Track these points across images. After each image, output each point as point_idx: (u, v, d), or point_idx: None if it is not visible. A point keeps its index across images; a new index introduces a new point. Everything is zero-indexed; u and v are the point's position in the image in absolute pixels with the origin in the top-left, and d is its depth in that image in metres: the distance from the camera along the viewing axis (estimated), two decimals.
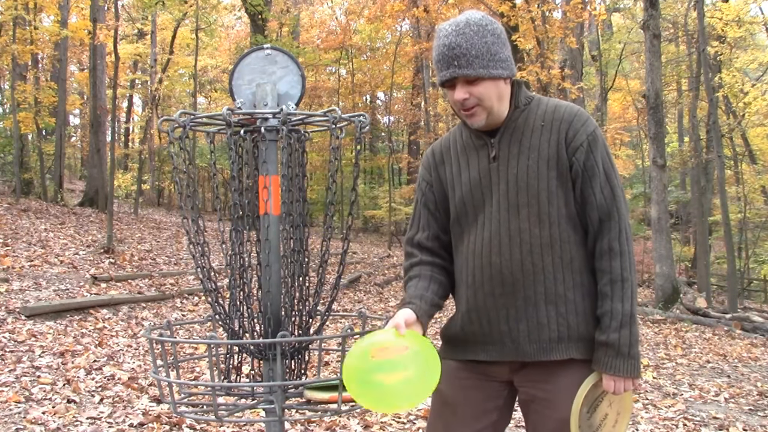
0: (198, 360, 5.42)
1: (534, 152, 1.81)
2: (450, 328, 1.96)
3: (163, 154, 23.56)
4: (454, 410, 1.90)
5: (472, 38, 1.75)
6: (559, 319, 1.78)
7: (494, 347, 1.84)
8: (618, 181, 1.82)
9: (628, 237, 1.79)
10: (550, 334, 1.78)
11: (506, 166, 1.83)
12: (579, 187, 1.80)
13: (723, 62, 18.05)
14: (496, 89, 1.80)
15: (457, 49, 1.74)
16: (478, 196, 1.86)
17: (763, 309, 16.00)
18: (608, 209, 1.78)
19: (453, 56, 1.75)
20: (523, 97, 1.88)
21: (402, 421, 4.31)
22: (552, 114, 1.84)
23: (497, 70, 1.78)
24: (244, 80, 1.88)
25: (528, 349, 1.79)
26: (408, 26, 23.68)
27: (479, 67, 1.75)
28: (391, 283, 13.22)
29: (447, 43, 1.76)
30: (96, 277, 8.47)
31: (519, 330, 1.79)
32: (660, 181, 12.83)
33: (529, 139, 1.82)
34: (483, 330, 1.84)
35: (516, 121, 1.85)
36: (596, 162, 1.79)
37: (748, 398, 5.56)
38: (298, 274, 1.85)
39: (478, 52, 1.75)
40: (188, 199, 1.78)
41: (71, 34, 17.48)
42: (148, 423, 3.92)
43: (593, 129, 1.82)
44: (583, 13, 13.84)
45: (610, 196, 1.79)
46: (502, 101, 1.83)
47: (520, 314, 1.79)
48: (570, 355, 1.78)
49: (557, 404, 1.77)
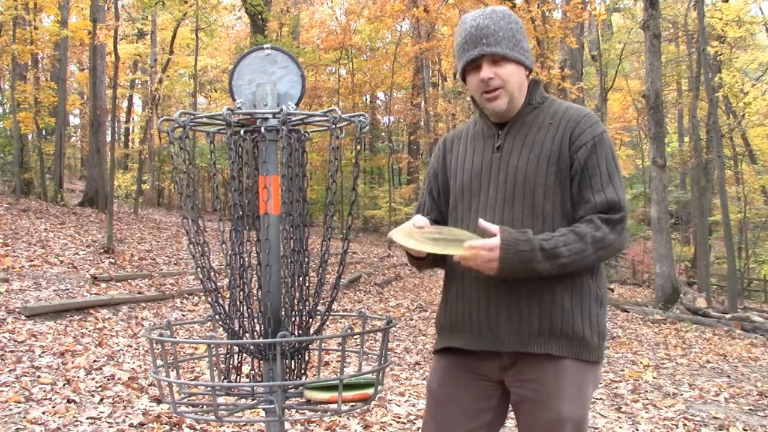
0: (198, 360, 5.42)
1: (537, 147, 1.82)
2: (439, 316, 1.98)
3: (163, 154, 23.56)
4: (448, 410, 1.91)
5: (499, 22, 1.81)
6: (541, 313, 1.77)
7: (473, 336, 1.84)
8: (621, 185, 1.80)
9: (618, 235, 1.75)
10: (530, 327, 1.77)
11: (508, 157, 1.85)
12: (576, 184, 1.79)
13: (723, 62, 18.05)
14: (518, 75, 1.84)
15: (486, 29, 1.79)
16: (476, 184, 1.88)
17: (763, 309, 16.00)
18: (609, 207, 1.76)
19: (482, 35, 1.79)
20: (539, 95, 1.90)
21: (402, 421, 4.31)
22: (562, 114, 1.86)
23: (521, 56, 1.83)
24: (244, 80, 1.88)
25: (505, 339, 1.79)
26: (408, 26, 23.70)
27: (506, 47, 1.80)
28: (391, 283, 13.22)
29: (475, 24, 1.81)
30: (96, 277, 8.46)
31: (499, 320, 1.80)
32: (660, 181, 12.83)
33: (535, 135, 1.84)
34: (465, 318, 1.86)
35: (526, 117, 1.88)
36: (598, 162, 1.79)
37: (748, 398, 5.56)
38: (298, 274, 1.85)
39: (505, 34, 1.80)
40: (188, 199, 1.78)
41: (71, 34, 17.47)
42: (148, 423, 3.92)
43: (601, 132, 1.82)
44: (583, 13, 13.84)
45: (613, 196, 1.76)
46: (521, 92, 1.86)
47: (501, 304, 1.79)
48: (548, 350, 1.76)
49: (546, 405, 1.77)
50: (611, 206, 1.75)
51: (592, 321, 1.81)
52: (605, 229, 1.73)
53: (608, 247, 1.74)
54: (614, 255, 1.80)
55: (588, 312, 1.80)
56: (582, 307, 1.80)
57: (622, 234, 1.76)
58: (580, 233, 1.72)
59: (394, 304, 10.69)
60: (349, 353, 3.85)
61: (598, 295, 1.84)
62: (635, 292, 17.99)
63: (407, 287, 13.06)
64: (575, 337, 1.78)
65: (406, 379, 5.68)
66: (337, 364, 5.71)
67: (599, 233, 1.72)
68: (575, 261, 1.71)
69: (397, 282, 13.49)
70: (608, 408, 4.98)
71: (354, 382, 1.76)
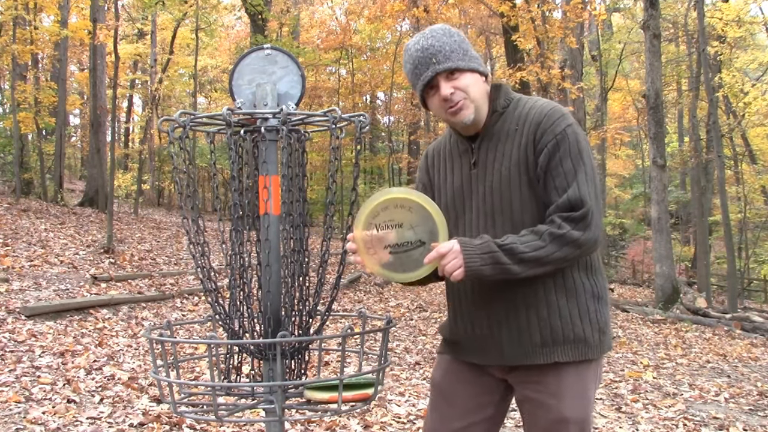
0: (198, 360, 5.42)
1: (507, 159, 1.81)
2: (445, 328, 2.00)
3: (163, 154, 23.55)
4: (450, 402, 1.92)
5: (441, 38, 1.80)
6: (541, 323, 1.77)
7: (480, 352, 1.87)
8: (586, 179, 1.73)
9: (584, 231, 1.69)
10: (531, 339, 1.77)
11: (484, 173, 1.84)
12: (542, 187, 1.76)
13: (723, 62, 18.05)
14: (477, 83, 1.82)
15: (431, 48, 1.78)
16: (459, 202, 1.89)
17: (763, 309, 16.00)
18: (570, 206, 1.71)
19: (430, 55, 1.78)
20: (503, 99, 1.87)
21: (402, 421, 4.31)
22: (525, 117, 1.82)
23: (474, 64, 1.81)
24: (244, 80, 1.88)
25: (511, 354, 1.80)
26: (408, 26, 23.67)
27: (457, 59, 1.79)
28: (391, 283, 13.22)
29: (419, 47, 1.80)
30: (96, 277, 8.46)
31: (501, 335, 1.81)
32: (660, 181, 12.83)
33: (504, 145, 1.82)
34: (468, 335, 1.88)
35: (494, 127, 1.85)
36: (561, 160, 1.73)
37: (748, 398, 5.56)
38: (298, 274, 1.84)
39: (452, 47, 1.79)
40: (188, 199, 1.78)
41: (71, 34, 17.47)
42: (148, 423, 3.91)
43: (563, 128, 1.76)
44: (583, 13, 13.83)
45: (575, 194, 1.71)
46: (484, 99, 1.85)
47: (500, 319, 1.80)
48: (554, 359, 1.77)
49: (549, 406, 1.78)
50: (573, 204, 1.70)
51: (591, 319, 1.81)
52: (566, 226, 1.69)
53: (573, 243, 1.69)
54: (587, 252, 1.74)
55: (586, 310, 1.80)
56: (579, 307, 1.80)
57: (589, 229, 1.70)
58: (537, 231, 1.70)
59: (394, 304, 10.69)
60: (349, 353, 3.85)
61: (594, 291, 1.83)
62: (635, 292, 17.99)
63: (407, 287, 13.06)
64: (577, 340, 1.78)
65: (406, 379, 5.68)
66: (337, 364, 5.71)
67: (559, 231, 1.68)
68: (539, 257, 1.67)
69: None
70: (608, 408, 4.98)
71: (354, 382, 1.76)
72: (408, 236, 1.72)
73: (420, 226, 1.71)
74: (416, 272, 1.73)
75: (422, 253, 1.70)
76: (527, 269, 1.68)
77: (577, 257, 1.74)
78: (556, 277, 1.78)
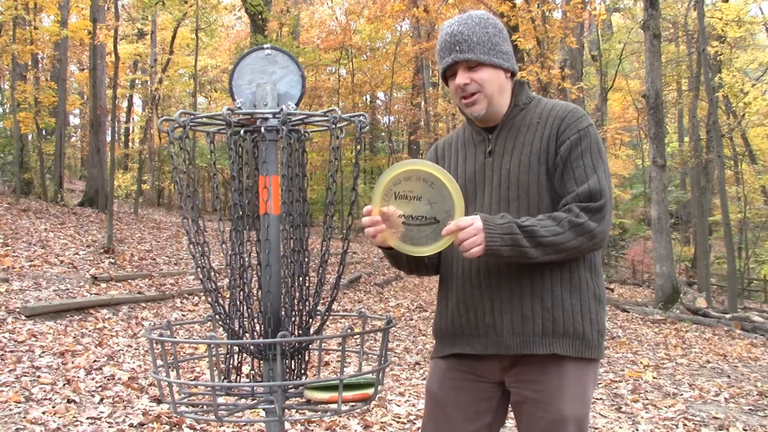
0: (198, 360, 5.42)
1: (527, 148, 1.83)
2: (439, 323, 1.97)
3: (163, 154, 23.56)
4: (447, 412, 1.91)
5: (473, 27, 1.81)
6: (544, 313, 1.77)
7: (479, 340, 1.85)
8: (605, 176, 1.77)
9: (599, 223, 1.71)
10: (534, 328, 1.77)
11: (500, 161, 1.85)
12: (560, 177, 1.78)
13: (723, 62, 18.06)
14: (497, 78, 1.83)
15: (459, 35, 1.80)
16: (471, 189, 1.89)
17: (763, 309, 16.00)
18: (590, 196, 1.73)
19: (455, 42, 1.80)
20: (525, 96, 1.91)
21: (402, 421, 4.31)
22: (548, 111, 1.86)
23: (498, 59, 1.82)
24: (244, 80, 1.88)
25: (510, 342, 1.79)
26: (408, 26, 23.68)
27: (480, 52, 1.80)
28: (391, 283, 13.22)
29: (450, 31, 1.82)
30: (96, 277, 8.46)
31: (503, 322, 1.80)
32: (660, 181, 12.83)
33: (524, 136, 1.85)
34: (470, 322, 1.86)
35: (514, 119, 1.88)
36: (582, 154, 1.77)
37: (748, 398, 5.56)
38: (298, 274, 1.84)
39: (479, 39, 1.80)
40: (188, 199, 1.78)
41: (71, 34, 17.47)
42: (148, 423, 3.91)
43: (586, 126, 1.81)
44: (583, 13, 13.84)
45: (595, 185, 1.74)
46: (502, 94, 1.86)
47: (504, 306, 1.80)
48: (553, 350, 1.76)
49: (548, 405, 1.77)
50: (592, 195, 1.73)
51: (592, 318, 1.81)
52: (584, 216, 1.71)
53: (589, 234, 1.71)
54: (598, 245, 1.76)
55: (588, 309, 1.81)
56: (582, 305, 1.80)
57: (603, 222, 1.73)
58: (556, 217, 1.71)
59: (394, 304, 10.69)
60: (349, 353, 3.85)
61: (596, 293, 1.84)
62: (635, 292, 17.99)
63: (407, 287, 13.06)
64: (576, 336, 1.78)
65: (406, 379, 5.68)
66: (337, 364, 5.71)
67: (578, 219, 1.70)
68: (556, 243, 1.68)
69: (397, 282, 13.48)
70: (608, 408, 4.98)
71: (354, 382, 1.76)
72: (424, 210, 1.71)
73: (438, 204, 1.70)
74: (423, 248, 1.72)
75: (434, 231, 1.70)
76: (543, 254, 1.69)
77: (587, 250, 1.76)
78: (563, 272, 1.79)
